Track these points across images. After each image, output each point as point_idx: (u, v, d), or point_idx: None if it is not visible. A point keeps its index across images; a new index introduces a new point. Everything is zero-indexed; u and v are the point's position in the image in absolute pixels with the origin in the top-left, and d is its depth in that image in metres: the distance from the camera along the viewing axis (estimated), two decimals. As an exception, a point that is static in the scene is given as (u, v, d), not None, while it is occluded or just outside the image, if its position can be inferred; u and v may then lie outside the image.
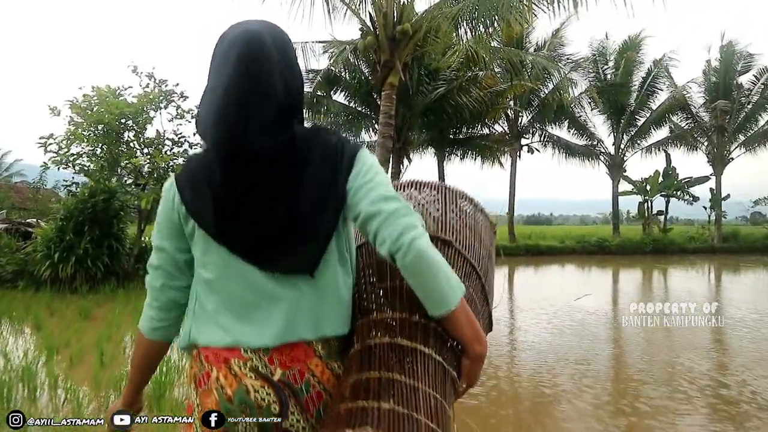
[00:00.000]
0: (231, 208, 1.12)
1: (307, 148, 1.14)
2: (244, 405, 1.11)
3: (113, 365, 5.05)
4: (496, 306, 1.46)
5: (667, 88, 25.72)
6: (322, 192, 1.12)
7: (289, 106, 1.13)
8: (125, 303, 8.67)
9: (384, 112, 11.44)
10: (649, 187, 25.90)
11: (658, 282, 15.25)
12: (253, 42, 1.09)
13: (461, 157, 21.46)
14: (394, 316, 1.16)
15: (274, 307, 1.14)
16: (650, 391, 4.97)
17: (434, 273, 1.06)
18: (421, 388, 1.05)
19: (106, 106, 9.98)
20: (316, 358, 1.15)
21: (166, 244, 1.24)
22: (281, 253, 1.13)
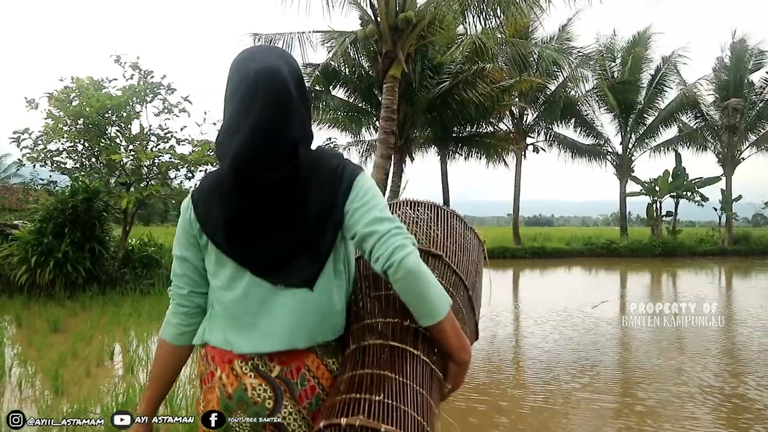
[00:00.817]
0: (242, 228, 1.22)
1: (311, 172, 1.22)
2: (242, 402, 1.22)
3: (70, 392, 4.31)
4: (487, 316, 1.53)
5: (676, 86, 25.00)
6: (323, 214, 1.21)
7: (302, 132, 1.23)
8: (102, 312, 7.95)
9: (386, 106, 10.72)
10: (659, 188, 25.15)
11: (674, 285, 14.49)
12: (277, 82, 1.19)
13: (465, 156, 20.71)
14: (387, 321, 1.25)
15: (273, 316, 1.23)
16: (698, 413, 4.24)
17: (423, 287, 1.15)
18: (410, 385, 1.13)
19: (86, 99, 9.23)
20: (312, 355, 1.25)
21: (188, 254, 1.33)
22: (286, 268, 1.23)
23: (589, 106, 24.51)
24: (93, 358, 5.33)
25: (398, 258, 1.12)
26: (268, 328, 1.23)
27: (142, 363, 5.10)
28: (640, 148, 26.06)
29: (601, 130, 25.53)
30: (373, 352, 1.20)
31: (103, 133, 9.97)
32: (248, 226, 1.22)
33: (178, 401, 3.84)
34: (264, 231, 1.23)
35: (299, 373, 1.22)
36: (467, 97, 14.28)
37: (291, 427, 1.22)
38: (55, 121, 9.57)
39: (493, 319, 8.70)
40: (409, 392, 1.12)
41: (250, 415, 1.22)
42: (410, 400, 1.10)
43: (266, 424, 1.21)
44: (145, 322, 7.30)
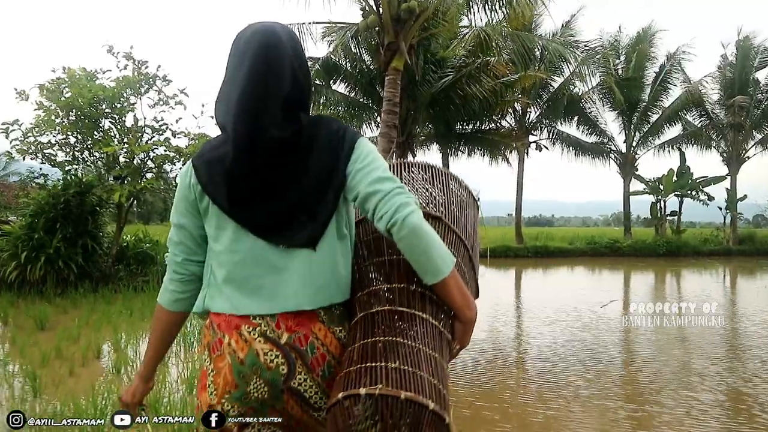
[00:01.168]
0: (243, 188, 1.21)
1: (311, 136, 1.24)
2: (256, 367, 1.20)
3: (49, 393, 4.01)
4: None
5: (681, 84, 24.68)
6: (324, 176, 1.22)
7: (299, 98, 1.24)
8: (92, 309, 7.63)
9: (387, 98, 10.40)
10: (663, 187, 24.81)
11: (683, 286, 14.18)
12: (270, 35, 1.23)
13: (468, 153, 20.35)
14: (393, 287, 1.25)
15: (278, 278, 1.22)
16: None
17: (427, 245, 1.15)
18: (422, 349, 1.14)
19: (78, 90, 8.92)
20: (319, 323, 1.24)
21: (185, 221, 1.31)
22: (288, 229, 1.22)
23: (593, 103, 24.21)
24: (78, 358, 5.02)
25: (402, 215, 1.12)
26: (274, 290, 1.22)
27: (130, 363, 4.81)
28: (644, 147, 25.76)
29: (604, 128, 25.23)
30: (382, 319, 1.20)
31: (97, 125, 9.66)
32: (250, 188, 1.21)
33: (173, 401, 3.64)
34: (265, 192, 1.22)
35: (308, 340, 1.22)
36: (471, 92, 13.94)
37: (308, 394, 1.22)
38: (46, 112, 9.27)
39: (499, 318, 8.41)
40: (423, 357, 1.12)
41: (266, 380, 1.20)
42: (425, 365, 1.10)
43: (284, 389, 1.21)
44: (136, 320, 7.00)
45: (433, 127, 18.02)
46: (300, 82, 1.25)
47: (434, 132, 18.75)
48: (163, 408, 3.45)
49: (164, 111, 10.01)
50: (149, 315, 7.32)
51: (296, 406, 1.23)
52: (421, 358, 1.11)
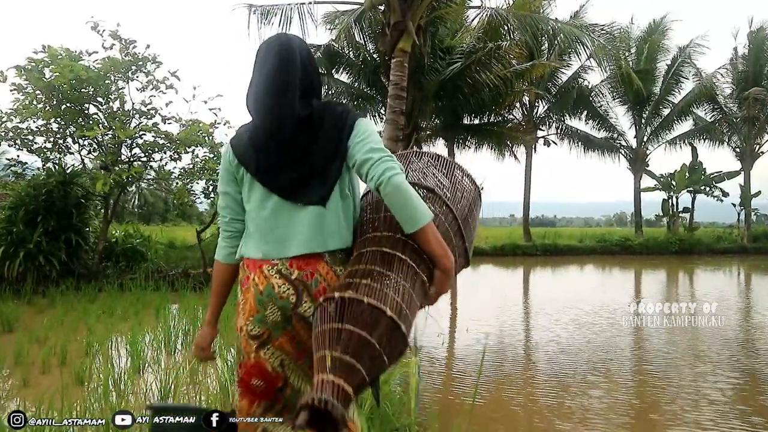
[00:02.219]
0: (270, 159, 1.55)
1: (321, 118, 1.56)
2: (271, 297, 1.51)
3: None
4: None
5: (692, 77, 23.92)
6: (331, 149, 1.53)
7: (310, 87, 1.59)
8: (70, 309, 6.89)
9: (394, 82, 9.68)
10: (675, 183, 24.05)
11: (703, 284, 13.41)
12: (285, 40, 1.62)
13: (476, 146, 19.55)
14: (382, 234, 1.50)
15: (294, 228, 1.53)
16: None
17: (406, 200, 1.40)
18: (393, 277, 1.37)
19: (59, 69, 8.18)
20: (323, 263, 1.53)
21: (228, 188, 1.65)
22: (303, 190, 1.53)
23: (603, 96, 23.47)
24: (38, 364, 4.29)
25: (387, 176, 1.39)
26: (290, 238, 1.54)
27: (97, 371, 4.05)
28: (656, 142, 24.97)
29: (615, 123, 24.46)
30: (369, 256, 1.45)
31: (81, 111, 8.93)
32: (274, 159, 1.55)
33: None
34: (286, 162, 1.55)
35: (313, 277, 1.52)
36: (481, 79, 13.16)
37: (311, 319, 1.45)
38: (26, 96, 8.55)
39: (510, 325, 7.67)
40: (392, 282, 1.36)
41: (279, 307, 1.51)
42: (392, 288, 1.35)
43: (293, 315, 1.52)
44: (117, 321, 6.27)
45: (440, 118, 17.26)
46: (311, 75, 1.61)
47: (441, 124, 17.99)
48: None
49: (154, 96, 9.29)
50: (133, 315, 6.61)
51: (302, 329, 1.52)
52: (390, 283, 1.36)
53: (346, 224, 1.58)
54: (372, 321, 1.26)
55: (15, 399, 3.54)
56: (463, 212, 1.66)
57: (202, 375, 4.27)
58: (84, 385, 3.82)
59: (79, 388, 3.75)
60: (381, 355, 1.26)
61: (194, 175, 9.06)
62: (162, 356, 4.85)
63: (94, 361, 4.41)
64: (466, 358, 5.88)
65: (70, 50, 8.77)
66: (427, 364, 5.33)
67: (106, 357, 4.65)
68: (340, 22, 12.68)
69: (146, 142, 8.97)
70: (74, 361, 4.31)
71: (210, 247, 11.52)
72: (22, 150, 8.85)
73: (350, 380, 1.20)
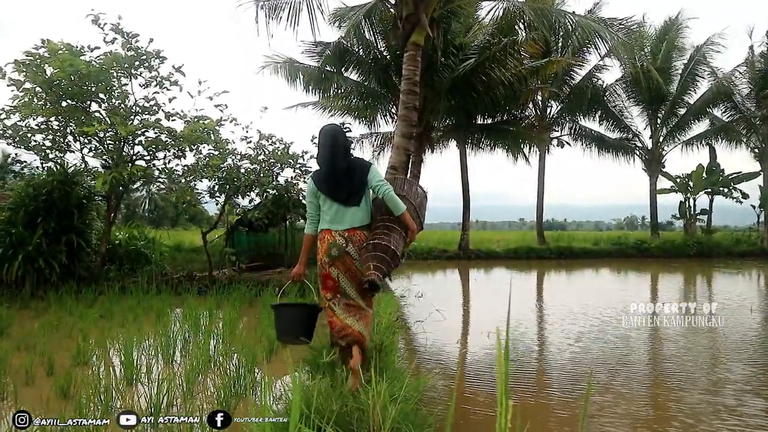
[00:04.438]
0: (331, 186, 3.35)
1: (353, 167, 3.39)
2: (333, 243, 3.27)
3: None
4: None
5: (709, 77, 23.33)
6: (359, 181, 3.34)
7: (347, 151, 3.46)
8: (68, 313, 6.54)
9: (407, 77, 9.28)
10: (692, 184, 23.46)
11: (736, 289, 12.87)
12: (332, 128, 3.55)
13: (491, 147, 19.06)
14: (383, 217, 3.35)
15: (344, 216, 3.32)
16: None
17: (394, 202, 3.27)
18: (391, 234, 3.27)
19: (59, 64, 7.86)
20: (358, 231, 3.32)
21: (313, 200, 3.44)
22: (348, 200, 3.32)
23: (618, 96, 22.94)
24: (22, 374, 3.92)
25: (384, 192, 3.27)
26: (342, 220, 3.31)
27: (84, 383, 3.65)
28: (672, 142, 24.37)
29: (629, 123, 23.89)
30: (378, 227, 3.33)
31: (83, 109, 8.60)
32: (334, 186, 3.34)
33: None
34: (340, 187, 3.33)
35: (354, 234, 3.29)
36: (495, 76, 12.74)
37: (353, 254, 3.25)
38: (25, 93, 8.24)
39: (522, 332, 7.21)
40: (391, 236, 3.25)
41: (338, 248, 3.24)
42: (391, 237, 3.25)
43: (344, 252, 3.24)
44: (114, 326, 5.90)
45: (453, 117, 16.80)
46: (346, 145, 3.46)
47: (453, 124, 17.54)
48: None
49: (158, 92, 8.95)
50: (132, 321, 6.24)
51: (347, 258, 3.25)
52: (390, 236, 3.25)
53: (367, 214, 3.42)
54: (384, 249, 3.18)
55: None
56: (416, 204, 3.60)
57: (200, 386, 3.88)
58: (67, 398, 3.44)
59: (62, 401, 3.37)
60: (390, 262, 3.19)
61: (197, 173, 8.68)
62: (159, 365, 4.47)
63: (84, 371, 4.04)
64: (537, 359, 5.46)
65: (71, 45, 8.45)
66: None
67: (97, 366, 4.27)
68: (349, 18, 12.29)
69: (148, 139, 8.62)
70: (62, 371, 3.93)
71: (216, 250, 11.22)
72: (20, 148, 8.50)
73: (380, 271, 3.11)
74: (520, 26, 12.86)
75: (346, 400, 2.54)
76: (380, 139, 19.66)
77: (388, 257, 3.13)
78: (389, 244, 3.16)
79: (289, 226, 12.06)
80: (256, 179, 9.10)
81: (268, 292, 7.66)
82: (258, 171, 9.28)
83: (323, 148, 3.38)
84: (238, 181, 9.06)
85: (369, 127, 18.82)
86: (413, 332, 6.77)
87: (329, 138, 3.36)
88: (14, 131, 8.30)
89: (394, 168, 9.08)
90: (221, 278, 9.40)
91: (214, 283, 8.98)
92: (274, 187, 9.44)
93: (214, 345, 5.06)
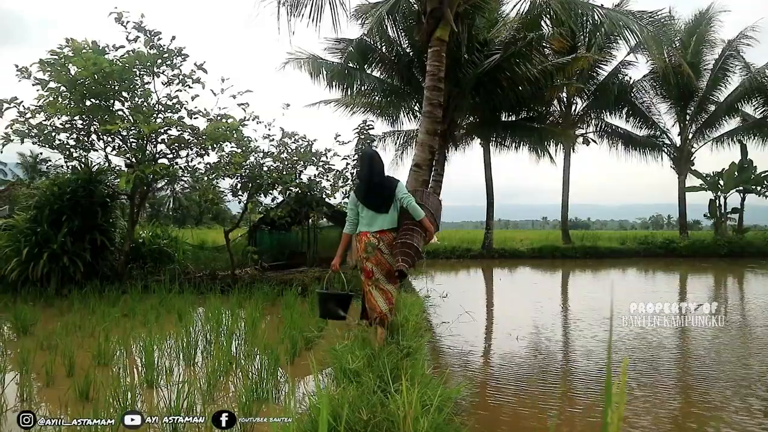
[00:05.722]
0: (367, 196, 4.48)
1: (385, 183, 4.51)
2: (368, 242, 4.36)
3: None
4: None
5: (740, 71, 22.62)
6: (388, 193, 4.44)
7: (382, 170, 4.63)
8: (91, 311, 6.51)
9: (431, 73, 9.11)
10: (723, 182, 22.84)
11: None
12: (370, 150, 5.51)
13: (516, 145, 18.77)
14: (408, 223, 4.40)
15: (377, 221, 4.41)
16: None
17: (415, 209, 4.34)
18: (414, 236, 4.34)
19: (82, 63, 7.86)
20: (388, 232, 4.42)
21: (353, 207, 4.56)
22: (380, 207, 4.42)
23: (646, 92, 22.41)
24: (43, 374, 3.86)
25: (407, 202, 4.34)
26: (375, 224, 4.40)
27: (104, 385, 3.56)
28: (701, 140, 23.71)
29: (657, 120, 23.32)
30: (403, 229, 4.40)
31: (106, 107, 8.60)
32: (369, 196, 4.46)
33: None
34: (374, 198, 4.44)
35: (384, 235, 4.39)
36: (520, 72, 12.48)
37: (384, 250, 4.35)
38: (50, 92, 8.26)
39: (546, 338, 6.97)
40: (414, 236, 4.33)
41: (372, 246, 4.33)
42: (414, 237, 4.33)
43: (377, 248, 4.34)
44: (137, 325, 5.85)
45: (477, 115, 16.55)
46: (380, 165, 4.62)
47: (477, 121, 17.29)
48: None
49: (180, 90, 8.91)
50: (154, 320, 6.18)
51: (380, 254, 4.34)
52: (413, 236, 4.33)
53: (395, 219, 4.42)
54: (409, 246, 4.26)
55: (5, 414, 3.09)
56: (433, 210, 4.60)
57: (221, 389, 3.77)
58: (88, 400, 3.35)
59: (82, 402, 3.29)
60: (414, 255, 4.28)
61: (219, 170, 8.61)
62: (180, 366, 4.38)
63: (104, 372, 3.96)
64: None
65: (96, 44, 8.45)
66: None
67: (118, 367, 4.19)
68: (372, 14, 12.14)
69: (171, 137, 8.59)
70: (82, 371, 3.85)
71: (239, 249, 11.18)
72: (44, 147, 8.53)
73: (406, 263, 4.19)
74: (546, 21, 12.63)
75: (375, 409, 2.39)
76: (403, 137, 19.50)
77: (412, 252, 4.29)
78: (413, 242, 4.31)
79: (312, 225, 11.95)
80: (278, 177, 9.01)
81: (291, 292, 7.55)
82: (281, 169, 9.19)
83: (363, 168, 4.60)
84: (261, 179, 8.98)
85: (392, 125, 18.66)
86: (440, 334, 6.60)
87: (368, 160, 4.59)
88: (39, 130, 8.33)
89: (418, 166, 8.91)
90: (243, 277, 9.34)
91: (237, 282, 8.92)
92: (296, 185, 9.34)
93: (236, 346, 4.96)
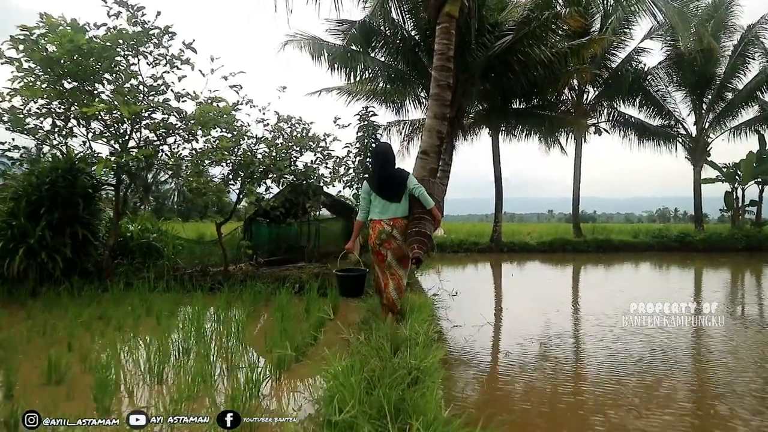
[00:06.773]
0: (380, 186, 5.07)
1: (395, 174, 5.12)
2: (381, 229, 4.95)
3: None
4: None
5: (760, 58, 21.71)
6: (399, 184, 5.04)
7: (394, 162, 5.25)
8: (62, 313, 5.83)
9: (440, 52, 8.38)
10: (741, 173, 21.99)
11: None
12: (383, 144, 5.54)
13: (525, 134, 18.01)
14: (418, 212, 5.03)
15: (390, 209, 5.01)
16: None
17: (425, 198, 4.97)
18: (424, 224, 4.95)
19: (57, 39, 7.16)
20: (401, 220, 5.00)
21: (366, 197, 5.17)
22: (393, 197, 5.03)
23: (660, 80, 21.53)
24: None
25: (419, 193, 4.96)
26: (388, 212, 4.99)
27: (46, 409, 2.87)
28: (718, 129, 22.82)
29: (672, 109, 22.45)
30: (415, 219, 4.99)
31: (89, 91, 7.90)
32: (382, 186, 5.05)
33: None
34: (386, 188, 5.04)
35: (397, 222, 4.97)
36: (534, 54, 11.72)
37: (396, 236, 4.94)
38: (24, 73, 7.57)
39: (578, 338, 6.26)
40: (424, 224, 4.94)
41: (386, 233, 4.93)
42: (424, 228, 4.92)
43: (390, 235, 4.93)
44: (109, 330, 5.18)
45: (486, 102, 15.77)
46: (393, 158, 5.27)
47: (487, 109, 16.50)
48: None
49: (168, 72, 8.20)
50: (135, 321, 5.52)
51: (392, 240, 4.94)
52: (424, 224, 4.94)
53: (406, 207, 5.08)
54: (421, 233, 4.89)
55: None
56: (440, 199, 5.67)
57: (191, 409, 3.08)
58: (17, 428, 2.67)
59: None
60: (425, 242, 4.87)
61: (204, 156, 7.86)
62: (146, 382, 3.69)
63: (53, 393, 3.28)
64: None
65: (75, 21, 7.73)
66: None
67: (71, 386, 3.50)
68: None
69: (155, 122, 7.87)
70: (26, 392, 3.16)
71: (234, 243, 10.49)
72: (15, 132, 7.83)
73: (420, 249, 4.78)
74: (559, 1, 11.87)
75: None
76: (409, 127, 18.77)
77: (425, 240, 4.83)
78: (425, 230, 4.88)
79: (312, 217, 11.23)
80: (271, 163, 8.29)
81: (286, 291, 6.86)
82: (274, 155, 8.47)
83: (377, 160, 5.20)
84: (253, 165, 8.26)
85: (396, 114, 17.90)
86: (454, 347, 5.89)
87: (382, 153, 5.20)
88: (12, 114, 7.64)
89: (426, 153, 8.20)
90: (236, 274, 8.66)
91: (228, 279, 8.24)
92: (291, 173, 8.62)
93: (213, 357, 4.28)
